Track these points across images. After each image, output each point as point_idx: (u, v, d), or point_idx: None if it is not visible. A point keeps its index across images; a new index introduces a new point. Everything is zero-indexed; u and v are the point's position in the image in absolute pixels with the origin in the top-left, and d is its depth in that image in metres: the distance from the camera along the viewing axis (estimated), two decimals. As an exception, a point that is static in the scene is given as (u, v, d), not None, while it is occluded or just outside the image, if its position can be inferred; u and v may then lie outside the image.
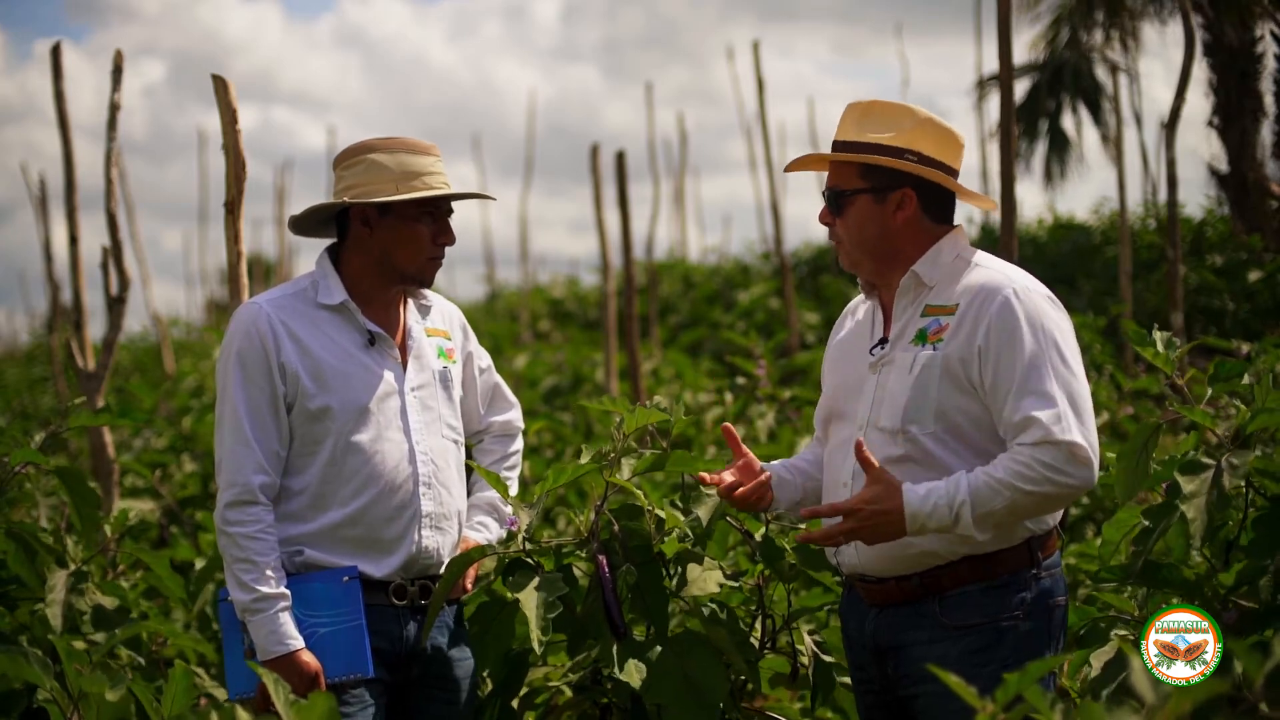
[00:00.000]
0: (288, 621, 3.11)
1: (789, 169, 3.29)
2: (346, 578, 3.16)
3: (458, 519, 3.37)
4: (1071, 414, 2.87)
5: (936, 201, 3.11)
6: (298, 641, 3.11)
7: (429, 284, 3.36)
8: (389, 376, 3.28)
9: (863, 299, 3.26)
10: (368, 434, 3.21)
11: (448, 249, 3.38)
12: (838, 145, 3.14)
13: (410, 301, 3.42)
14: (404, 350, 3.33)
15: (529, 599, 3.21)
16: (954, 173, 3.12)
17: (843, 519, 2.93)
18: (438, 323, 3.44)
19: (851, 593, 3.16)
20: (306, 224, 3.40)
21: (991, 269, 3.04)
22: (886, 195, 3.08)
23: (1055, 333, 2.94)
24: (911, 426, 2.98)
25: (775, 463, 3.30)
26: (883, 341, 3.10)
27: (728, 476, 3.18)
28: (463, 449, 3.42)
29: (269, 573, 3.12)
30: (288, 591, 3.13)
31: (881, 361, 3.08)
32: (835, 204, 3.11)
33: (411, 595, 3.25)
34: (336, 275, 3.31)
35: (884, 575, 3.04)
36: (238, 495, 3.14)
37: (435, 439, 3.31)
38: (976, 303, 2.97)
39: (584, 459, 3.46)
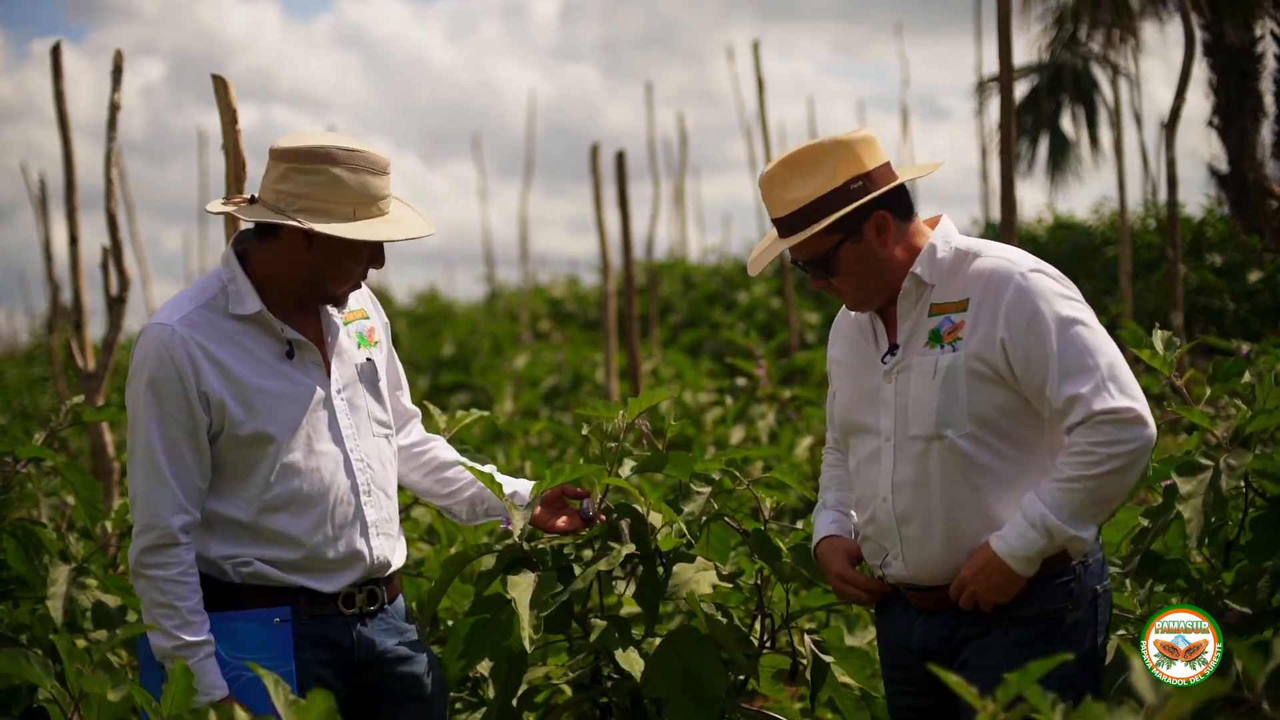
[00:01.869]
0: (212, 669, 2.97)
1: (754, 268, 3.12)
2: (278, 619, 3.03)
3: (398, 518, 3.24)
4: (1110, 382, 2.84)
5: (899, 202, 3.04)
6: (222, 690, 2.97)
7: (342, 305, 3.17)
8: (314, 385, 3.10)
9: (846, 311, 3.19)
10: (301, 452, 3.05)
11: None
12: (782, 223, 3.02)
13: None
14: (323, 349, 3.14)
15: (522, 596, 3.21)
16: (888, 166, 3.04)
17: (963, 595, 2.94)
18: (351, 302, 3.25)
19: (896, 598, 3.09)
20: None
21: (992, 255, 2.98)
22: (861, 230, 2.99)
23: (1073, 308, 2.90)
24: (947, 431, 2.93)
25: (832, 517, 3.23)
26: (893, 348, 3.04)
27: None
28: (394, 440, 3.27)
29: (191, 618, 2.97)
30: (210, 637, 2.98)
31: (896, 369, 3.02)
32: (824, 269, 3.03)
33: (360, 602, 3.12)
34: (248, 280, 3.08)
35: (935, 584, 3.00)
36: (157, 539, 2.97)
37: (367, 440, 3.16)
38: (989, 293, 2.92)
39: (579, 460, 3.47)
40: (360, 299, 3.25)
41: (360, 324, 3.23)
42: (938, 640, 3.01)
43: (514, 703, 3.50)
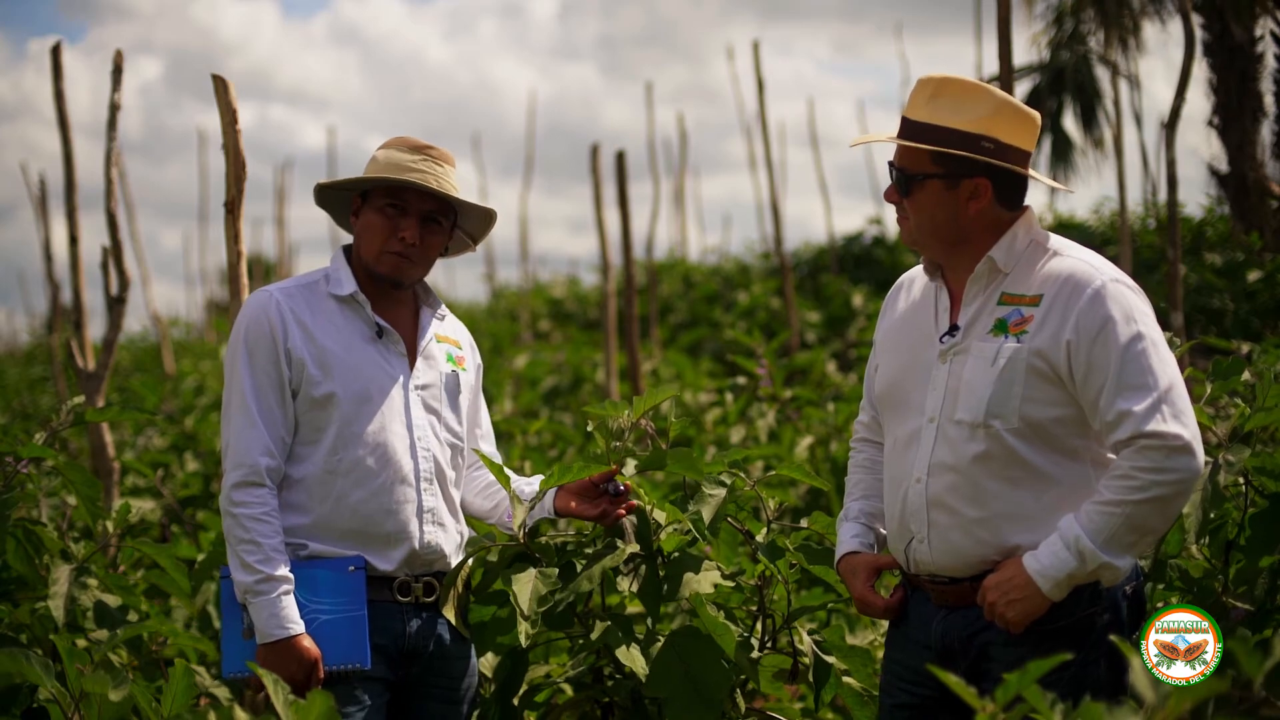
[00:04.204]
0: (290, 605, 3.12)
1: (856, 144, 3.22)
2: (352, 567, 3.18)
3: (459, 519, 3.38)
4: (1166, 405, 2.78)
5: (1011, 189, 2.99)
6: (298, 626, 3.12)
7: (397, 282, 3.34)
8: (395, 371, 3.30)
9: (919, 272, 3.15)
10: (370, 425, 3.23)
11: (443, 252, 3.41)
12: (908, 125, 2.99)
13: (425, 307, 3.43)
14: (412, 349, 3.35)
15: (522, 589, 3.23)
16: (1028, 156, 3.00)
17: (984, 603, 2.88)
18: (448, 331, 3.46)
19: (916, 591, 3.05)
20: (343, 221, 3.49)
21: (1074, 257, 2.93)
22: (959, 182, 2.95)
23: (1146, 325, 2.84)
24: (994, 421, 2.88)
25: (854, 530, 3.19)
26: (953, 329, 2.99)
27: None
28: (464, 455, 3.42)
29: (273, 555, 3.12)
30: (291, 575, 3.14)
31: (953, 350, 2.97)
32: (904, 185, 2.99)
33: (415, 592, 3.25)
34: (349, 269, 3.35)
35: (958, 576, 2.96)
36: (244, 476, 3.16)
37: (436, 440, 3.32)
38: (1064, 294, 2.87)
39: (583, 460, 3.47)
40: (459, 335, 3.49)
41: (453, 348, 3.44)
42: (959, 638, 2.95)
43: (515, 701, 3.51)
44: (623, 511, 3.38)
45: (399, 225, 3.31)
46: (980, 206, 2.97)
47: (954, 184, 2.96)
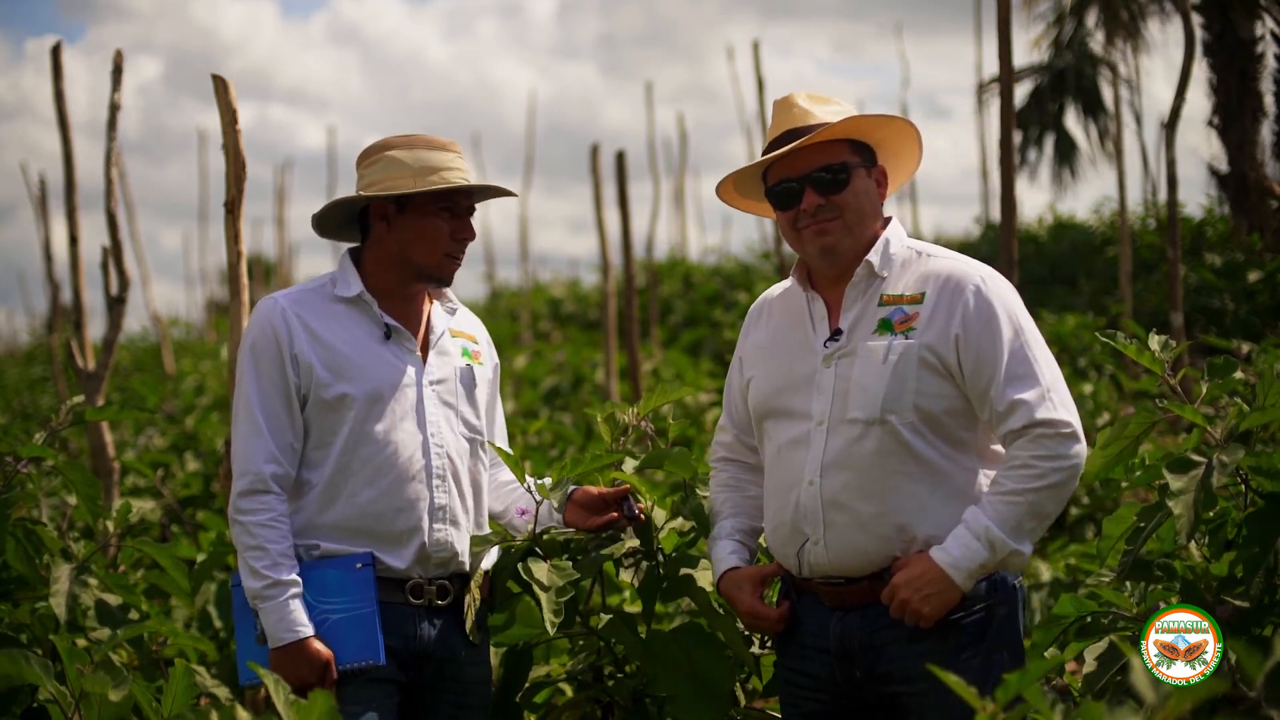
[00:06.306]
0: (299, 608, 3.12)
1: (722, 188, 3.34)
2: (359, 564, 3.17)
3: (474, 516, 3.35)
4: (1054, 394, 2.92)
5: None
6: (308, 629, 3.12)
7: (447, 281, 3.36)
8: (406, 369, 3.28)
9: (775, 294, 3.24)
10: (382, 424, 3.22)
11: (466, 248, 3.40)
12: (807, 129, 3.09)
13: (436, 302, 3.42)
14: (425, 345, 3.34)
15: (543, 575, 3.22)
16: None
17: (894, 601, 2.90)
18: (464, 326, 3.45)
19: (805, 597, 3.06)
20: (329, 225, 3.42)
21: (947, 258, 3.06)
22: (872, 169, 3.12)
23: (1025, 318, 2.99)
24: (890, 416, 2.94)
25: (731, 548, 3.19)
26: (836, 334, 3.04)
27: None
28: (484, 449, 3.40)
29: (280, 560, 3.13)
30: (299, 579, 3.14)
31: (838, 353, 3.02)
32: (842, 179, 3.06)
33: (429, 595, 3.24)
34: (356, 271, 3.34)
35: (856, 575, 2.98)
36: (250, 484, 3.16)
37: (452, 435, 3.30)
38: (947, 291, 2.98)
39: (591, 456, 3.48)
40: (475, 330, 3.49)
41: (468, 343, 3.44)
42: (859, 639, 2.97)
43: (516, 699, 3.51)
44: (625, 521, 3.39)
45: (456, 228, 3.32)
46: (883, 194, 3.13)
47: (870, 170, 3.12)
